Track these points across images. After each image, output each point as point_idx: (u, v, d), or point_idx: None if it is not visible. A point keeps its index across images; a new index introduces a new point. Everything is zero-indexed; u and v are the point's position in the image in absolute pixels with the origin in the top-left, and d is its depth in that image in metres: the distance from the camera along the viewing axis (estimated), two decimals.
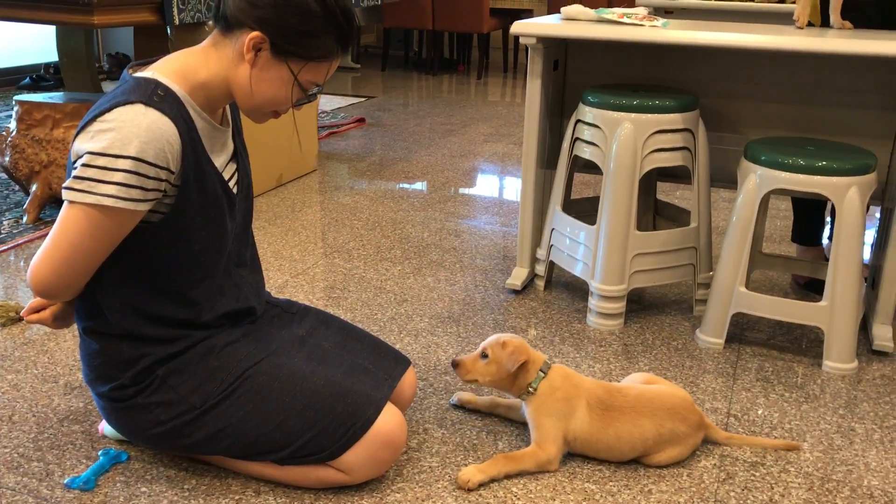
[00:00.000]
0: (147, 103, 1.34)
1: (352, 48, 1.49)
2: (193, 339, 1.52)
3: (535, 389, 1.70)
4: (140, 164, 1.32)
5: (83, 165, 1.32)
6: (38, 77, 6.02)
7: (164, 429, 1.51)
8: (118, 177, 1.31)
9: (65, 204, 1.35)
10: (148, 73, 1.41)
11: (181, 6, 2.95)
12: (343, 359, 1.66)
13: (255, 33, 1.38)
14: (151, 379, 1.50)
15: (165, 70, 1.42)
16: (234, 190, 1.55)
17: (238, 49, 1.41)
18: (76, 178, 1.32)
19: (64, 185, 1.35)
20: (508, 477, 1.65)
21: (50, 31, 4.33)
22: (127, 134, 1.31)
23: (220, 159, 1.51)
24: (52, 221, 3.07)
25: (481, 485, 1.62)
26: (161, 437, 1.54)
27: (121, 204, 1.32)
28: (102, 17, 2.74)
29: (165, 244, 1.44)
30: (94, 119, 1.35)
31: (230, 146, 1.55)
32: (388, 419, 1.55)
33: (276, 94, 1.44)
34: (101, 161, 1.31)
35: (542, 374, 1.71)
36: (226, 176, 1.52)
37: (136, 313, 1.47)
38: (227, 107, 1.57)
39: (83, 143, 1.34)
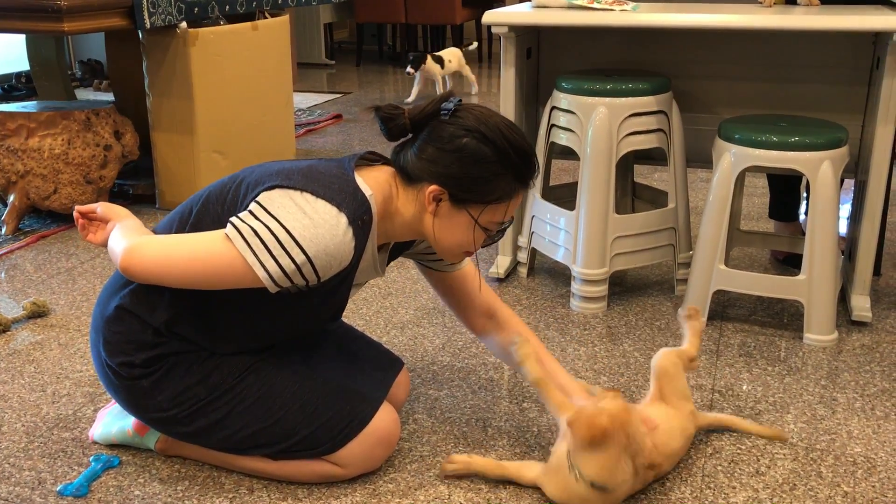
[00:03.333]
0: (351, 223, 1.39)
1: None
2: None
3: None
4: (308, 266, 1.37)
5: (266, 227, 1.36)
6: (9, 87, 5.96)
7: (165, 415, 1.54)
8: (284, 262, 1.36)
9: (222, 231, 1.39)
10: (369, 185, 1.45)
11: (151, 10, 2.94)
12: (342, 360, 1.70)
13: (434, 187, 1.44)
14: (160, 365, 1.52)
15: (378, 188, 1.47)
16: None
17: (421, 201, 1.47)
18: (253, 230, 1.36)
19: (236, 216, 1.39)
20: (485, 477, 1.62)
21: (20, 39, 4.29)
22: (319, 236, 1.36)
23: (356, 282, 1.57)
24: (32, 231, 3.06)
25: (459, 476, 1.61)
26: (159, 422, 1.57)
27: (265, 280, 1.37)
28: (73, 23, 2.73)
29: (252, 305, 1.49)
30: (301, 189, 1.39)
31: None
32: (385, 417, 1.59)
33: (461, 238, 1.50)
34: (285, 239, 1.35)
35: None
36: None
37: (186, 323, 1.52)
38: (389, 251, 1.62)
39: (277, 202, 1.38)
